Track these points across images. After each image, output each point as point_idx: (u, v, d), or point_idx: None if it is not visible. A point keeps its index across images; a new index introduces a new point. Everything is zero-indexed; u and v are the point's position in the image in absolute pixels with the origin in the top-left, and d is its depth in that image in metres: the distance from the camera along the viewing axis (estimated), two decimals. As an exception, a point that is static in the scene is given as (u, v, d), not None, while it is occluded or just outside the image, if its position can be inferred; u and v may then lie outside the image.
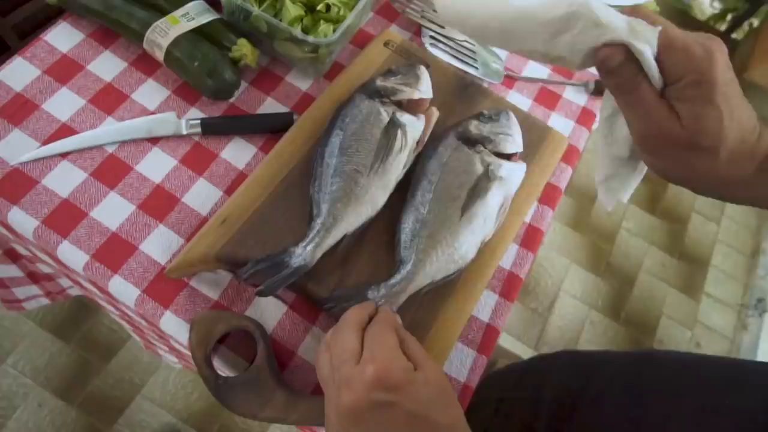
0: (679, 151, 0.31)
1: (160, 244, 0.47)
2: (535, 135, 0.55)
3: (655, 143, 0.32)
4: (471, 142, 0.48)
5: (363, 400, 0.32)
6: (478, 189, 0.46)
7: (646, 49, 0.30)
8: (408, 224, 0.45)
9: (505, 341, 1.33)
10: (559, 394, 0.58)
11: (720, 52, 0.30)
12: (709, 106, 0.30)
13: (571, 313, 1.42)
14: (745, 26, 1.99)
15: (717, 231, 1.65)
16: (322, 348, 0.37)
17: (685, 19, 2.04)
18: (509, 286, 0.50)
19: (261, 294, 0.42)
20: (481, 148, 0.48)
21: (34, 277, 0.63)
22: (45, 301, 0.69)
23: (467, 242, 0.45)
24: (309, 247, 0.43)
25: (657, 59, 0.30)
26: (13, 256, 0.58)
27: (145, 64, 0.54)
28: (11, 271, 0.60)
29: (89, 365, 1.14)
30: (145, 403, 1.13)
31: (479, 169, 0.47)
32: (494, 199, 0.46)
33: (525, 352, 1.32)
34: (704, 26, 2.06)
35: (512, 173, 0.48)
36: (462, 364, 0.47)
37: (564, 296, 1.44)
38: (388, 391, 0.32)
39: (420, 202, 0.45)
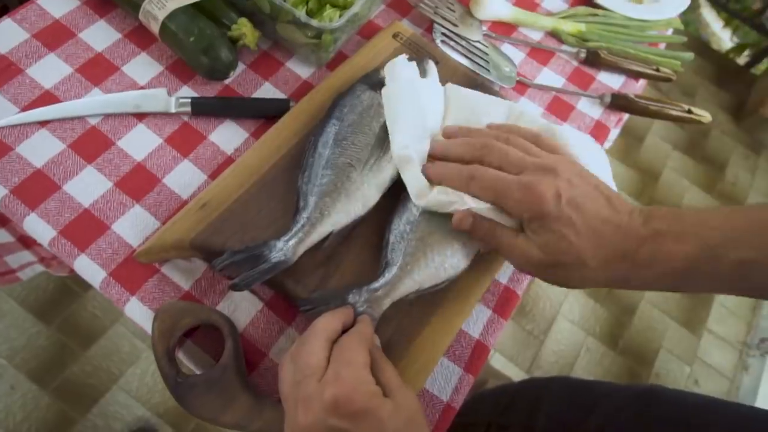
0: (549, 269, 0.36)
1: (133, 226, 0.44)
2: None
3: (527, 267, 0.37)
4: None
5: (318, 424, 0.29)
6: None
7: (482, 207, 0.38)
8: (398, 225, 0.42)
9: (497, 362, 1.29)
10: (553, 423, 0.54)
11: (546, 190, 0.35)
12: (552, 233, 0.35)
13: (567, 338, 1.38)
14: (766, 62, 1.97)
15: (723, 266, 1.60)
16: (286, 358, 0.34)
17: (706, 51, 2.01)
18: (504, 302, 0.47)
19: (234, 288, 0.39)
20: None
21: (25, 242, 0.60)
22: (40, 267, 0.65)
23: (460, 250, 0.41)
24: (291, 242, 0.40)
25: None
26: (1, 220, 0.55)
27: (139, 37, 0.52)
28: (1, 236, 0.57)
29: (67, 350, 1.10)
30: (120, 395, 1.09)
31: None
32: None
33: (517, 375, 1.28)
34: (723, 59, 2.03)
35: None
36: (446, 381, 0.43)
37: (561, 320, 1.40)
38: (347, 418, 0.29)
39: (413, 203, 0.42)
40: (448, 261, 0.41)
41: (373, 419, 0.29)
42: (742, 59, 2.04)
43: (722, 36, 2.11)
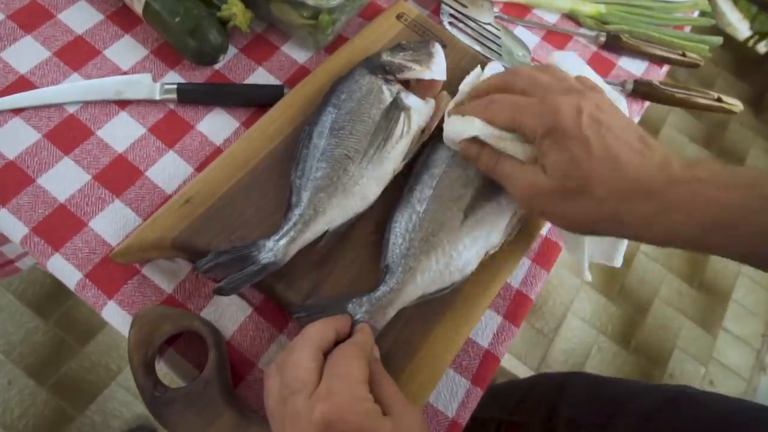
0: (555, 200, 0.31)
1: (113, 223, 0.40)
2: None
3: (531, 199, 0.33)
4: None
5: None
6: (487, 190, 0.39)
7: (488, 132, 0.35)
8: (400, 223, 0.38)
9: (505, 360, 1.25)
10: (575, 424, 0.50)
11: (566, 104, 0.31)
12: (564, 151, 0.30)
13: (578, 337, 1.34)
14: (788, 50, 1.89)
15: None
16: (272, 369, 0.30)
17: (725, 39, 1.94)
18: (516, 308, 0.43)
19: (219, 292, 0.35)
20: None
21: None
22: None
23: (468, 251, 0.37)
24: (282, 242, 0.36)
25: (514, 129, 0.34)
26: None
27: (123, 19, 0.48)
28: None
29: (65, 346, 1.08)
30: (119, 391, 1.07)
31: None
32: (507, 204, 0.39)
33: (526, 374, 1.24)
34: (742, 48, 1.96)
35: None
36: (452, 395, 0.39)
37: (572, 318, 1.36)
38: None
39: (417, 199, 0.38)
40: (454, 263, 0.37)
41: None
42: (762, 48, 1.97)
43: (739, 27, 2.03)
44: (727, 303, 1.48)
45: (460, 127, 0.37)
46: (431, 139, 0.42)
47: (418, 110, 0.41)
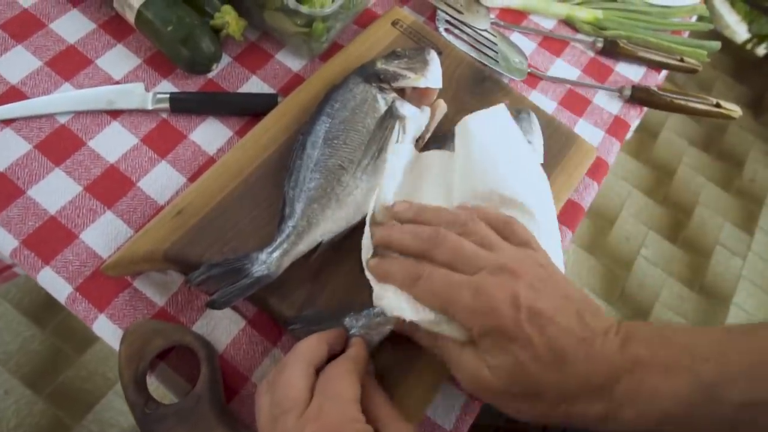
0: (505, 399, 0.29)
1: (104, 235, 0.40)
2: (559, 142, 0.47)
3: (478, 392, 0.30)
4: None
5: None
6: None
7: (424, 318, 0.31)
8: None
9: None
10: (573, 429, 0.49)
11: (501, 296, 0.29)
12: (506, 354, 0.28)
13: (578, 342, 1.33)
14: (786, 53, 1.89)
15: (742, 266, 1.54)
16: (263, 387, 0.30)
17: (723, 42, 1.94)
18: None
19: (212, 306, 0.35)
20: None
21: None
22: None
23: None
24: (275, 254, 0.36)
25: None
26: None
27: (115, 28, 0.48)
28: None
29: (62, 355, 1.07)
30: (116, 401, 1.06)
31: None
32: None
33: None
34: (741, 51, 1.96)
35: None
36: (450, 408, 0.38)
37: (572, 323, 1.35)
38: None
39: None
40: None
41: None
42: (760, 51, 1.96)
43: (737, 29, 2.03)
44: (728, 307, 1.47)
45: (388, 302, 0.33)
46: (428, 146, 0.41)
47: (414, 118, 0.41)
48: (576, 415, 0.28)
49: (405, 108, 0.41)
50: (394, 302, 0.33)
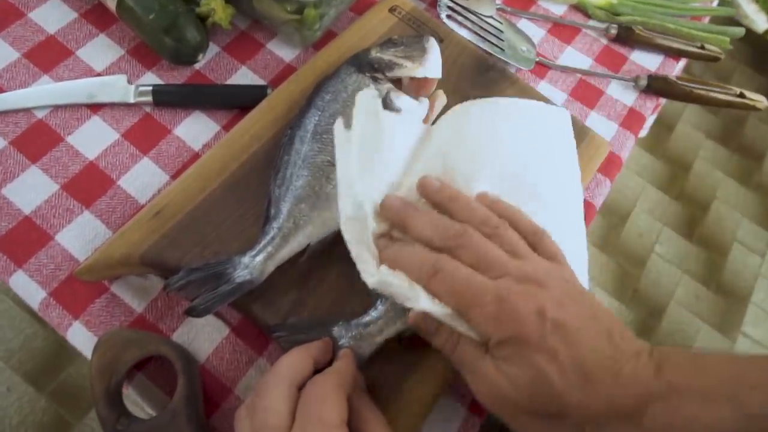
0: (525, 418, 0.27)
1: (81, 236, 0.37)
2: (569, 136, 0.43)
3: (495, 407, 0.28)
4: None
5: None
6: None
7: (439, 311, 0.29)
8: None
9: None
10: None
11: (525, 307, 0.26)
12: (529, 366, 0.26)
13: (589, 342, 1.29)
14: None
15: (761, 264, 1.49)
16: (242, 411, 0.27)
17: (747, 32, 1.87)
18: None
19: (190, 313, 0.32)
20: None
21: None
22: None
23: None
24: (259, 258, 0.33)
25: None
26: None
27: (98, 17, 0.45)
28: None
29: (64, 351, 1.07)
30: (118, 398, 1.05)
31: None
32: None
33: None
34: (761, 41, 1.89)
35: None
36: (447, 424, 0.36)
37: (583, 322, 1.31)
38: None
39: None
40: None
41: None
42: (783, 40, 1.89)
43: (756, 18, 1.96)
44: (746, 306, 1.42)
45: (401, 291, 0.30)
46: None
47: (410, 111, 0.38)
48: None
49: (401, 100, 0.38)
50: (407, 289, 0.30)
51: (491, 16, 0.52)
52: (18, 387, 1.04)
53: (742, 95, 0.51)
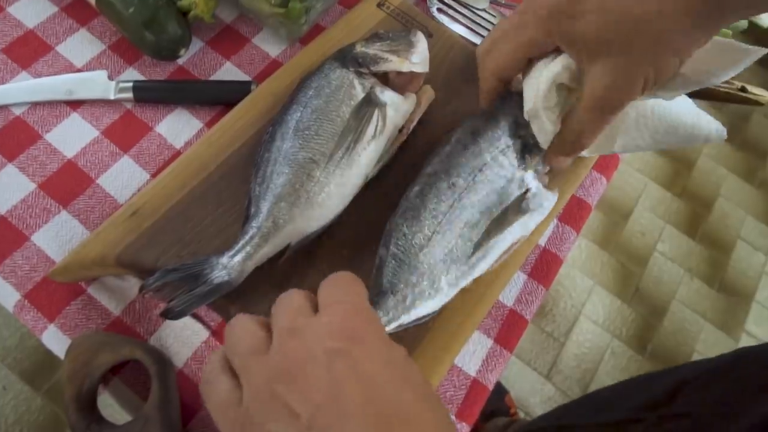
0: None
1: (58, 237, 0.36)
2: (562, 133, 0.42)
3: None
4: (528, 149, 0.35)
5: None
6: (505, 216, 0.34)
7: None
8: (402, 233, 0.33)
9: (513, 366, 1.20)
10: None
11: None
12: None
13: (590, 341, 1.28)
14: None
15: (765, 262, 1.47)
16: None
17: (751, 27, 1.85)
18: (509, 330, 0.38)
19: (166, 315, 0.31)
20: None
21: None
22: None
23: (462, 281, 0.33)
24: (237, 258, 0.32)
25: None
26: None
27: (79, 11, 0.44)
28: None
29: (60, 351, 1.06)
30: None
31: (514, 188, 0.34)
32: (515, 232, 0.34)
33: (535, 380, 1.19)
34: (764, 35, 1.86)
35: (546, 201, 0.35)
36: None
37: (584, 321, 1.30)
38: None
39: (431, 213, 0.33)
40: (449, 292, 0.32)
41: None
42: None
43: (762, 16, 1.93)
44: (749, 305, 1.40)
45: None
46: (453, 133, 0.36)
47: (395, 107, 0.36)
48: None
49: (385, 95, 0.36)
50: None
51: (484, 9, 0.50)
52: (14, 386, 1.03)
53: (743, 89, 0.50)
